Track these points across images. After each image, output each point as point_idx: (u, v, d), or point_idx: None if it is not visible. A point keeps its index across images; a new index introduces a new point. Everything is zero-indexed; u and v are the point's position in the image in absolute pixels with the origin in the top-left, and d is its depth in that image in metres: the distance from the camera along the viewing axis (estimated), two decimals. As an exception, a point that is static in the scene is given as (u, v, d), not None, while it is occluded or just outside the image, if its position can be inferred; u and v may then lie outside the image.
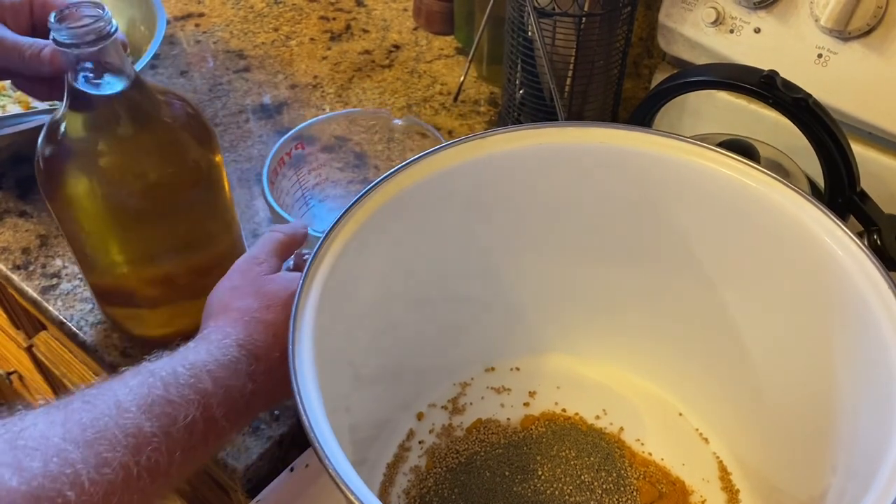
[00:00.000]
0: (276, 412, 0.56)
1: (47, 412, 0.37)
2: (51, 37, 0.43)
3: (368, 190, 0.46)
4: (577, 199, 0.51)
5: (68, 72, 0.44)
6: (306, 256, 0.46)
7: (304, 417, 0.35)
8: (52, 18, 0.43)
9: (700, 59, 0.66)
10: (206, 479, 0.71)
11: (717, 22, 0.63)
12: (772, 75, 0.51)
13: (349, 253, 0.44)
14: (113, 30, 0.43)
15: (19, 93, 0.74)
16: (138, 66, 0.67)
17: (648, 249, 0.52)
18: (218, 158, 0.52)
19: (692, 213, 0.49)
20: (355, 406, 0.47)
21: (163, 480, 0.38)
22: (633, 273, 0.54)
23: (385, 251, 0.48)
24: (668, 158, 0.47)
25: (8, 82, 0.75)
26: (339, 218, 0.44)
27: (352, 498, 0.32)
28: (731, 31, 0.63)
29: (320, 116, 0.64)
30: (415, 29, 0.94)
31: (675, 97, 0.58)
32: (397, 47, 0.91)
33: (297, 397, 0.36)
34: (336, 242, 0.44)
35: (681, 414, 0.56)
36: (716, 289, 0.51)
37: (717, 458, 0.53)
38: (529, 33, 0.68)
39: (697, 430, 0.55)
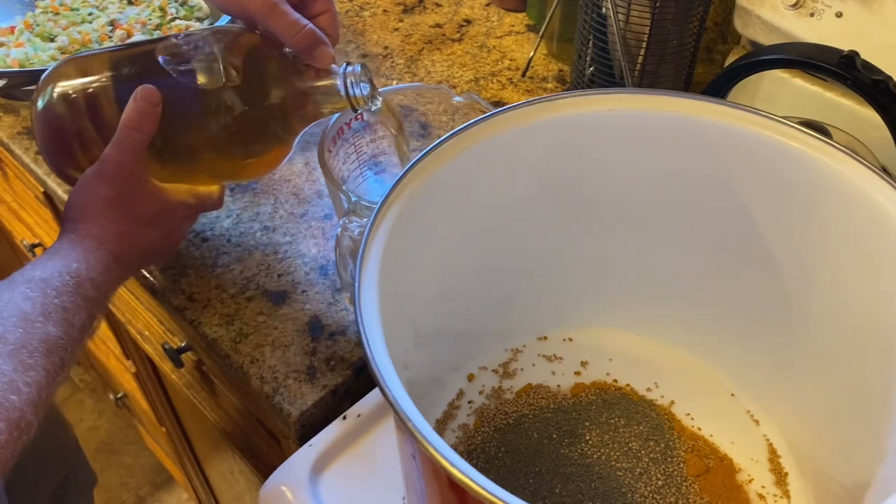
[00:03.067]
0: (332, 363, 0.58)
1: None
2: (341, 79, 0.52)
3: (433, 148, 0.45)
4: (642, 171, 0.51)
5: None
6: (364, 222, 0.49)
7: (372, 365, 0.35)
8: (352, 70, 0.52)
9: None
10: (257, 428, 0.73)
11: (798, 5, 0.62)
12: (852, 56, 0.50)
13: (411, 213, 0.43)
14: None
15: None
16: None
17: (712, 225, 0.52)
18: None
19: (759, 189, 0.48)
20: (412, 363, 0.48)
21: (67, 371, 0.47)
22: (695, 249, 0.53)
23: (447, 214, 0.48)
24: (740, 130, 0.47)
25: (112, 31, 0.79)
26: (403, 175, 0.44)
27: (419, 437, 0.32)
28: (812, 15, 0.62)
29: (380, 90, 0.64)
30: (487, 5, 0.94)
31: (749, 75, 0.57)
32: (468, 22, 0.92)
33: (366, 348, 0.36)
34: (398, 201, 0.43)
35: (733, 394, 0.55)
36: (779, 267, 0.50)
37: (767, 440, 0.53)
38: (603, 10, 0.68)
39: (748, 411, 0.55)
